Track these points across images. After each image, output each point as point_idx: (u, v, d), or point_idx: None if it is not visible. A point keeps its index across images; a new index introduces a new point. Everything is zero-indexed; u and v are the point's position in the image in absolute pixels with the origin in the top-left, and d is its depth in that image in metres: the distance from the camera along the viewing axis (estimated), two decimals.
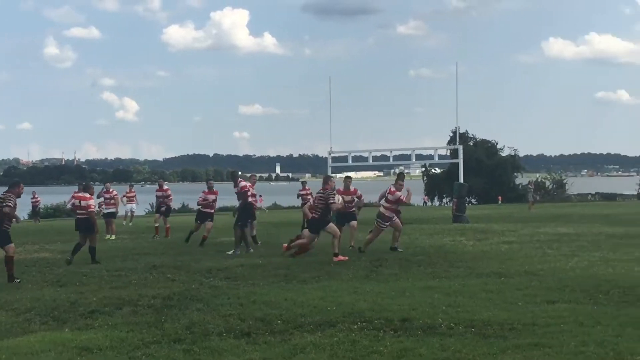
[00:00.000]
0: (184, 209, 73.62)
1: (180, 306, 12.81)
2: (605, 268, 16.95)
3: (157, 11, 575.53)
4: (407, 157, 47.93)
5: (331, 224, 20.29)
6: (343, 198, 22.00)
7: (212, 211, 26.24)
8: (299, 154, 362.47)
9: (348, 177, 23.07)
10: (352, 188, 22.78)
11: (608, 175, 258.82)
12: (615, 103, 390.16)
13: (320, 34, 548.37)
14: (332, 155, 47.74)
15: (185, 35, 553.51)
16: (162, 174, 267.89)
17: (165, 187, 32.02)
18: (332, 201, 20.05)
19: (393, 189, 21.58)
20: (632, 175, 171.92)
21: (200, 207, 26.86)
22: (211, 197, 26.19)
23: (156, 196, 32.37)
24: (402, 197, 21.40)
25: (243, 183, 23.50)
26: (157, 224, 30.47)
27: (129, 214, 41.54)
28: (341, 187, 22.76)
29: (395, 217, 21.82)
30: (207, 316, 11.76)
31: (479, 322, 10.66)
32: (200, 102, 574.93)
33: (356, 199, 22.89)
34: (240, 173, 28.14)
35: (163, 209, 31.04)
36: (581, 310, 11.54)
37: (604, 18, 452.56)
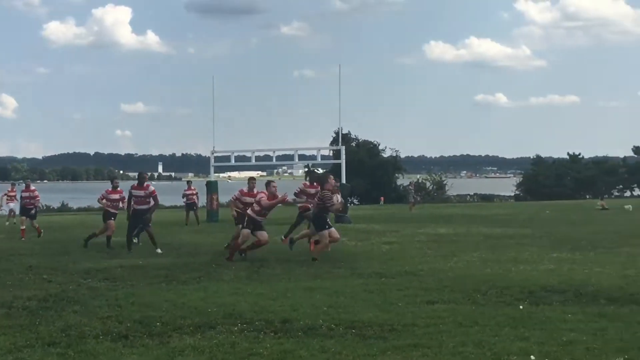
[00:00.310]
0: (64, 208, 72.04)
1: (56, 308, 12.48)
2: (483, 268, 17.24)
3: (36, 6, 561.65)
4: (290, 157, 47.89)
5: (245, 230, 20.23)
6: (244, 199, 22.14)
7: (116, 211, 25.35)
8: (182, 153, 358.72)
9: (252, 178, 23.06)
10: (255, 190, 22.62)
11: (486, 177, 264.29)
12: (493, 106, 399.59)
13: (204, 33, 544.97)
14: (215, 154, 47.44)
15: (66, 32, 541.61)
16: (41, 172, 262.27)
17: (32, 187, 30.80)
18: (329, 204, 20.04)
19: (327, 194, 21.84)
20: (509, 177, 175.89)
21: (106, 207, 25.74)
22: (114, 196, 25.23)
23: (21, 197, 30.82)
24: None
25: (152, 187, 23.13)
26: (23, 227, 29.51)
27: (12, 213, 40.38)
28: (245, 188, 22.60)
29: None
30: (83, 318, 11.47)
31: (359, 323, 10.68)
32: (81, 100, 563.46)
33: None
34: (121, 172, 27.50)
35: (33, 211, 29.85)
36: (460, 310, 11.69)
37: (483, 23, 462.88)
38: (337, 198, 20.62)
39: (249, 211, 20.49)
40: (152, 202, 22.93)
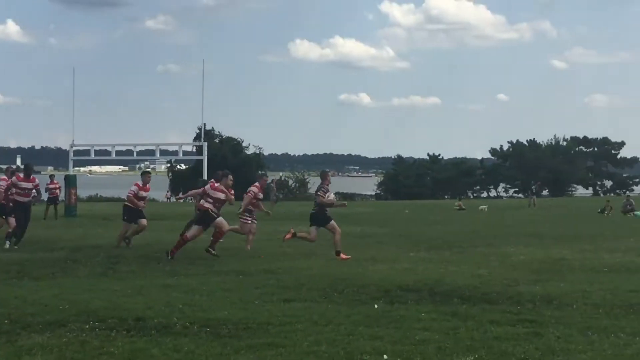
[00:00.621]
0: None
1: None
2: (341, 267, 17.35)
3: None
4: (151, 153, 47.44)
5: (220, 219, 19.67)
6: (141, 194, 22.05)
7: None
8: (41, 146, 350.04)
9: (147, 172, 22.86)
10: (147, 185, 22.33)
11: (349, 176, 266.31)
12: (356, 105, 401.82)
13: (67, 24, 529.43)
14: (75, 148, 46.55)
15: None
16: None
17: None
18: (319, 193, 20.21)
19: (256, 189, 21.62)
20: (371, 176, 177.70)
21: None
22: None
23: None
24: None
25: (37, 180, 22.27)
26: None
27: None
28: (140, 181, 22.24)
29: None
30: None
31: (214, 321, 10.57)
32: None
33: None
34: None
35: None
36: (316, 309, 11.70)
37: (349, 23, 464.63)
38: (329, 195, 20.68)
39: (207, 205, 19.82)
40: (35, 195, 22.18)
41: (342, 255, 19.45)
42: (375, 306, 12.06)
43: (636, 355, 9.02)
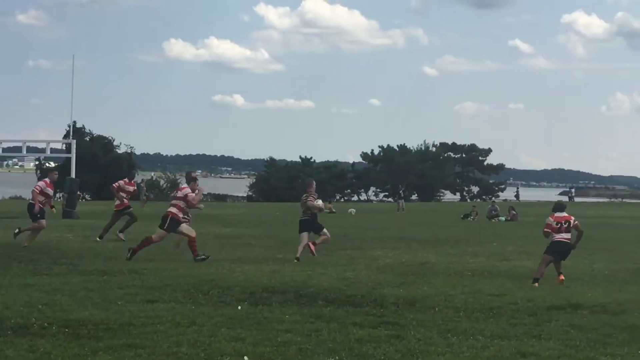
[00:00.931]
0: None
1: None
2: (207, 268, 17.23)
3: None
4: (18, 150, 46.41)
5: (185, 225, 19.11)
6: (48, 191, 21.43)
7: None
8: None
9: (53, 170, 22.41)
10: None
11: (221, 177, 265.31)
12: (230, 107, 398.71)
13: None
14: None
15: None
16: None
17: None
18: (309, 199, 20.03)
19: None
20: (244, 178, 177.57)
21: None
22: None
23: None
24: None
25: None
26: None
27: None
28: (47, 179, 21.78)
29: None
30: None
31: (74, 321, 10.37)
32: None
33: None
34: None
35: None
36: (179, 310, 11.62)
37: (224, 24, 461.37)
38: (319, 202, 20.46)
39: (173, 209, 19.05)
40: None
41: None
42: (239, 307, 12.06)
43: (493, 358, 9.24)
